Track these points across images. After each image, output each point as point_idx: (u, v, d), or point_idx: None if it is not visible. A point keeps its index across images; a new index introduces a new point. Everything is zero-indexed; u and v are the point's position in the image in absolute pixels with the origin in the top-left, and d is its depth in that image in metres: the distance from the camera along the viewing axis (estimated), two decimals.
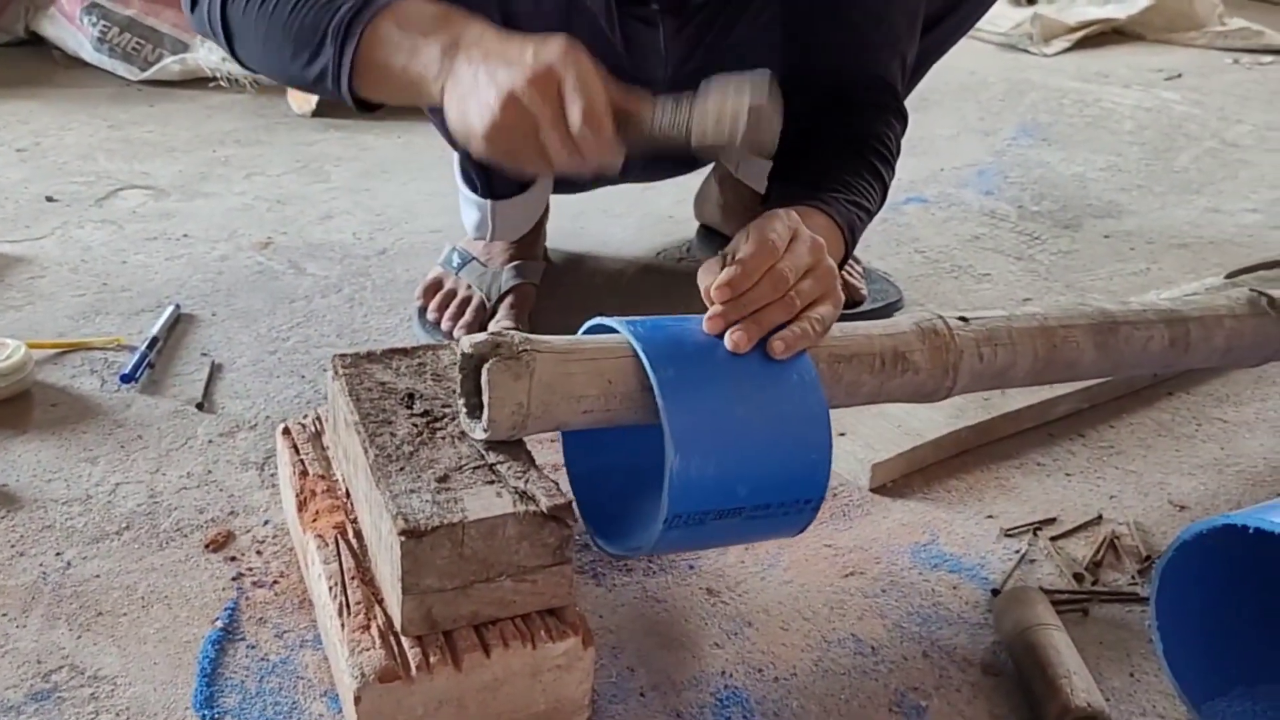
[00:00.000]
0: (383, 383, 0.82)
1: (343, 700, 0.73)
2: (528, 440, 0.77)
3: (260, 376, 1.17)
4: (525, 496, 0.70)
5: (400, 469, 0.72)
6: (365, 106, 0.93)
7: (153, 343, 1.18)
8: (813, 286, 0.79)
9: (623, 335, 0.76)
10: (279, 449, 0.92)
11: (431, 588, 0.69)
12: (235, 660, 0.80)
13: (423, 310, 1.28)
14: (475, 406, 0.74)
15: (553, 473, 0.80)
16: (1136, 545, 0.97)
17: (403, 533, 0.67)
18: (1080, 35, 2.81)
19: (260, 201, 1.63)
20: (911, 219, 1.69)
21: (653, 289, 1.43)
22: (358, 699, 0.67)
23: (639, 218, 1.63)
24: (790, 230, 0.80)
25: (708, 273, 0.79)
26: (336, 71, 0.89)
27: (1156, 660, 0.80)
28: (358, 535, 0.79)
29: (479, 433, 0.74)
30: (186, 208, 1.59)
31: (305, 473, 0.86)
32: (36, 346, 1.16)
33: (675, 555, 0.92)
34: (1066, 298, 1.45)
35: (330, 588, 0.74)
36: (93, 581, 0.87)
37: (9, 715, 0.75)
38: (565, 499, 0.71)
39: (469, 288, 1.27)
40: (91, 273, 1.38)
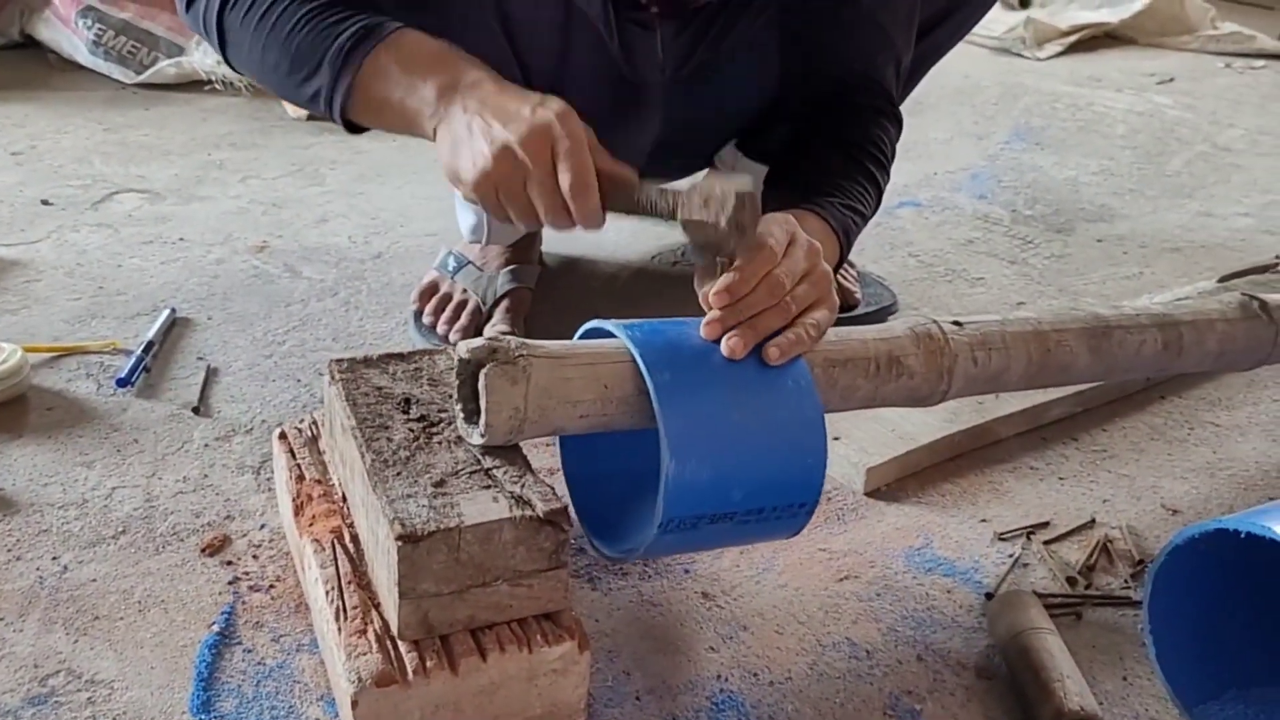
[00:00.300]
0: (379, 388, 0.82)
1: (339, 704, 0.74)
2: (524, 445, 0.77)
3: (256, 380, 1.17)
4: (521, 501, 0.71)
5: (397, 474, 0.73)
6: (353, 128, 0.94)
7: (148, 347, 1.18)
8: (808, 291, 0.79)
9: (619, 340, 0.76)
10: (275, 453, 0.92)
11: (428, 592, 0.69)
12: (232, 664, 0.80)
13: (418, 314, 1.29)
14: (472, 412, 0.74)
15: (548, 477, 0.80)
16: (1129, 549, 0.98)
17: (400, 538, 0.67)
18: (1073, 39, 2.82)
19: (256, 205, 1.63)
20: (905, 223, 1.70)
21: (647, 292, 1.44)
22: (355, 703, 0.68)
23: (633, 222, 1.63)
24: (788, 235, 0.80)
25: (704, 277, 0.80)
26: (330, 95, 0.90)
27: (1149, 664, 0.81)
28: (354, 540, 0.79)
29: (476, 438, 0.74)
30: (182, 211, 1.59)
31: (302, 477, 0.86)
32: (32, 350, 1.16)
33: (670, 559, 0.93)
34: (1059, 301, 1.45)
35: (327, 592, 0.75)
36: (89, 586, 0.87)
37: None
38: (561, 504, 0.71)
39: (464, 292, 1.28)
40: (87, 276, 1.38)
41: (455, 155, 0.84)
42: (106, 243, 1.47)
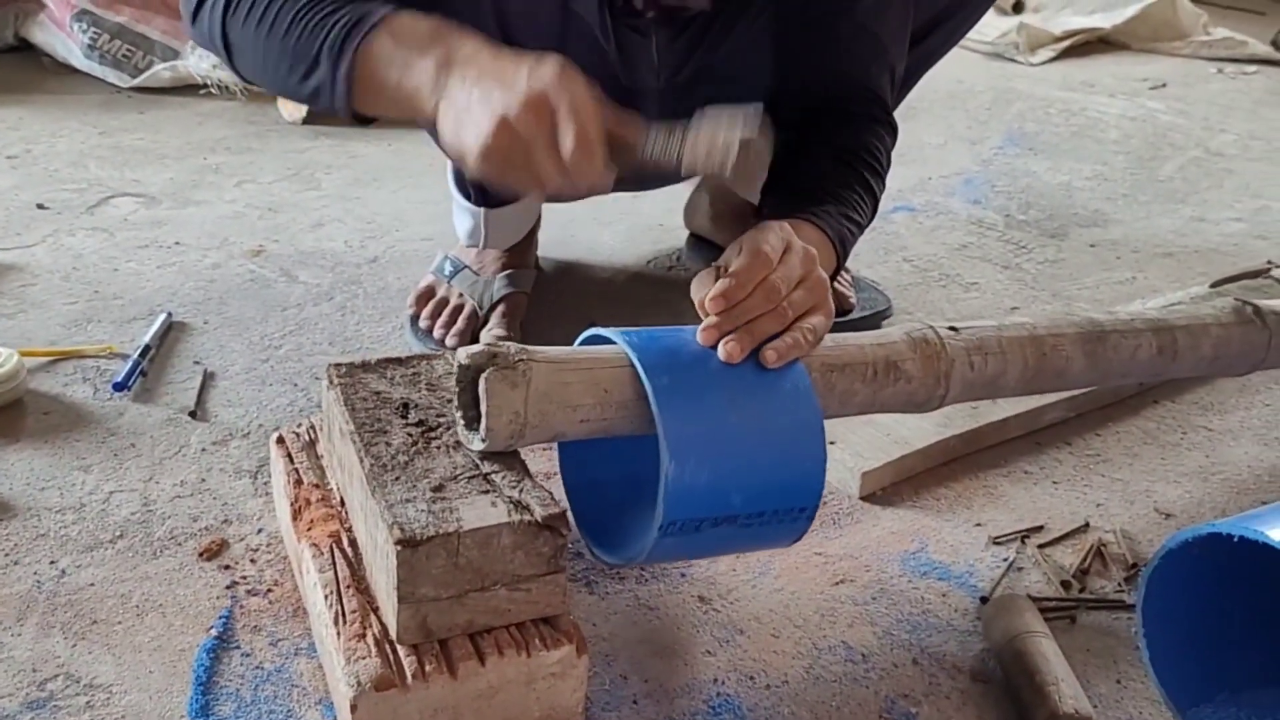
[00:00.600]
0: (378, 392, 0.82)
1: (338, 708, 0.74)
2: (522, 450, 0.78)
3: (253, 385, 1.17)
4: (520, 506, 0.71)
5: (395, 478, 0.73)
6: (361, 120, 0.94)
7: (145, 351, 1.19)
8: (804, 297, 0.79)
9: (618, 346, 0.77)
10: (273, 457, 0.92)
11: (427, 597, 0.69)
12: (230, 668, 0.80)
13: (415, 318, 1.29)
14: (473, 420, 0.74)
15: (546, 482, 0.80)
16: (1123, 553, 0.98)
17: (399, 542, 0.67)
18: (1066, 45, 2.83)
19: (251, 209, 1.63)
20: (900, 228, 1.70)
21: (643, 297, 1.44)
22: (354, 707, 0.68)
23: (629, 226, 1.63)
24: (784, 242, 0.80)
25: (701, 284, 0.80)
26: (332, 87, 0.90)
27: (1143, 667, 0.81)
28: (352, 544, 0.79)
29: (477, 444, 0.74)
30: (178, 215, 1.59)
31: (300, 481, 0.86)
32: (29, 355, 1.16)
33: (669, 564, 0.93)
34: (1053, 306, 1.46)
35: (326, 596, 0.75)
36: (87, 590, 0.87)
37: None
38: (559, 508, 0.71)
39: (461, 296, 1.28)
40: (83, 280, 1.38)
41: (458, 131, 0.82)
42: (102, 247, 1.47)
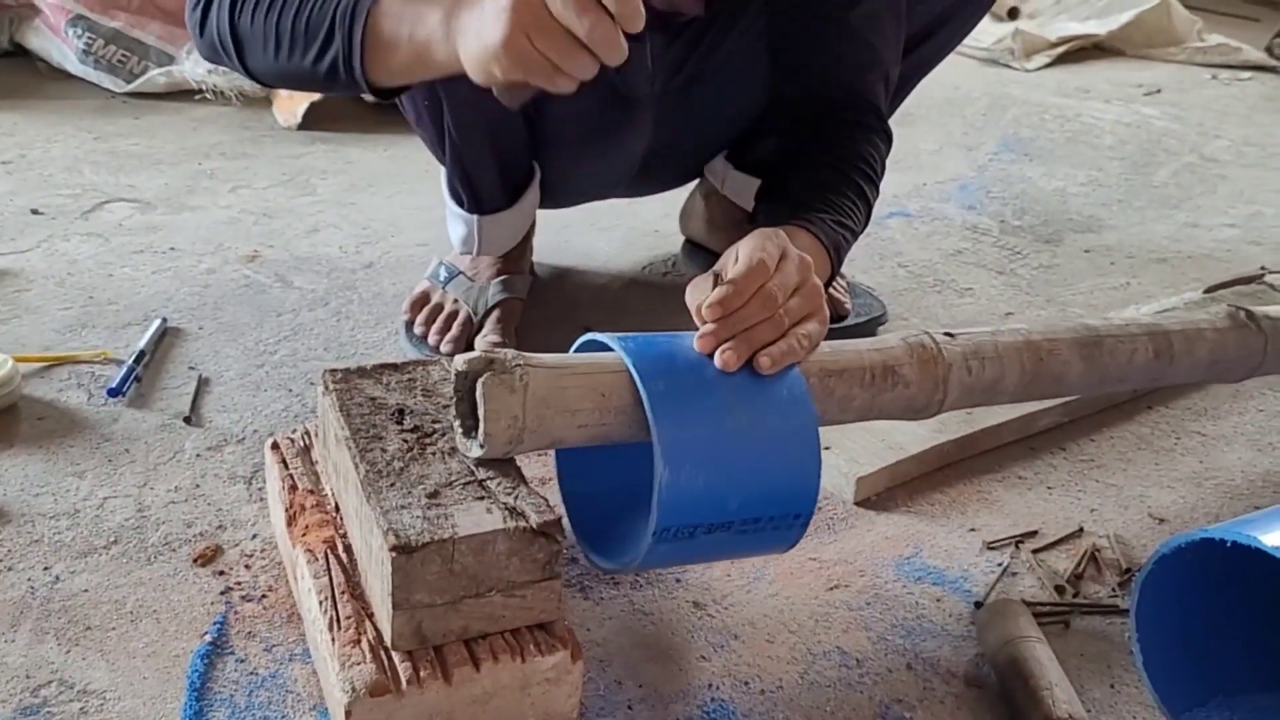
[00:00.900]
0: (373, 398, 0.82)
1: (333, 714, 0.74)
2: (517, 456, 0.77)
3: (247, 390, 1.17)
4: (515, 512, 0.71)
5: (391, 484, 0.73)
6: (382, 94, 0.94)
7: (140, 356, 1.19)
8: (800, 304, 0.80)
9: (615, 353, 0.77)
10: (268, 463, 0.92)
11: (422, 603, 0.69)
12: (224, 674, 0.80)
13: (410, 324, 1.29)
14: (470, 428, 0.74)
15: (541, 487, 0.80)
16: (1117, 558, 0.98)
17: (393, 548, 0.67)
18: (1061, 50, 2.84)
19: (247, 214, 1.63)
20: (895, 233, 1.70)
21: (639, 303, 1.44)
22: (348, 713, 0.68)
23: (625, 232, 1.64)
24: (779, 249, 0.81)
25: (697, 290, 0.80)
26: (349, 56, 0.91)
27: (1137, 671, 0.81)
28: (347, 550, 0.79)
29: (475, 450, 0.74)
30: (173, 221, 1.59)
31: (294, 487, 0.86)
32: (23, 360, 1.16)
33: (664, 570, 0.93)
34: (1047, 312, 1.46)
35: (320, 602, 0.75)
36: (81, 596, 0.87)
37: None
38: (555, 515, 0.71)
39: (456, 302, 1.28)
40: (78, 286, 1.38)
41: (479, 41, 0.81)
42: (97, 252, 1.47)
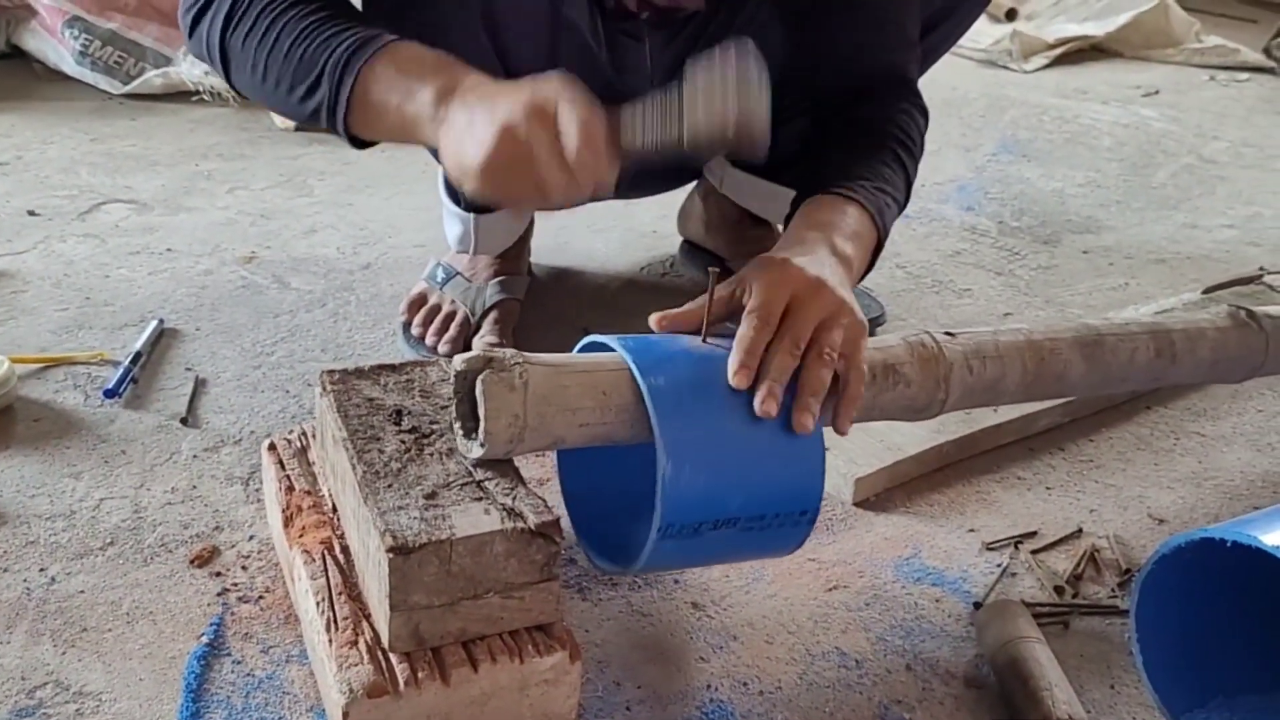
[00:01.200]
0: (371, 399, 0.82)
1: (330, 715, 0.74)
2: (516, 458, 0.77)
3: (244, 391, 1.17)
4: (513, 513, 0.71)
5: (388, 485, 0.73)
6: (358, 144, 0.94)
7: (136, 357, 1.18)
8: (837, 335, 0.79)
9: (615, 353, 0.76)
10: (265, 464, 0.92)
11: (419, 604, 0.69)
12: (221, 676, 0.80)
13: (407, 325, 1.29)
14: (471, 429, 0.74)
15: (539, 488, 0.80)
16: (1116, 558, 0.98)
17: (391, 549, 0.67)
18: (1059, 52, 2.84)
19: (244, 216, 1.62)
20: (893, 234, 1.68)
21: (636, 304, 1.44)
22: (346, 714, 0.67)
23: (623, 233, 1.63)
24: (809, 282, 0.81)
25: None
26: (333, 107, 0.90)
27: (1136, 672, 0.81)
28: (345, 551, 0.79)
29: (476, 450, 0.74)
30: (170, 222, 1.59)
31: (291, 488, 0.86)
32: (19, 361, 1.16)
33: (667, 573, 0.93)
34: (1046, 313, 1.46)
35: (318, 603, 0.74)
36: (77, 597, 0.87)
37: None
38: (553, 516, 0.71)
39: (453, 303, 1.28)
40: (74, 287, 1.37)
41: (460, 152, 0.82)
42: (94, 253, 1.47)
